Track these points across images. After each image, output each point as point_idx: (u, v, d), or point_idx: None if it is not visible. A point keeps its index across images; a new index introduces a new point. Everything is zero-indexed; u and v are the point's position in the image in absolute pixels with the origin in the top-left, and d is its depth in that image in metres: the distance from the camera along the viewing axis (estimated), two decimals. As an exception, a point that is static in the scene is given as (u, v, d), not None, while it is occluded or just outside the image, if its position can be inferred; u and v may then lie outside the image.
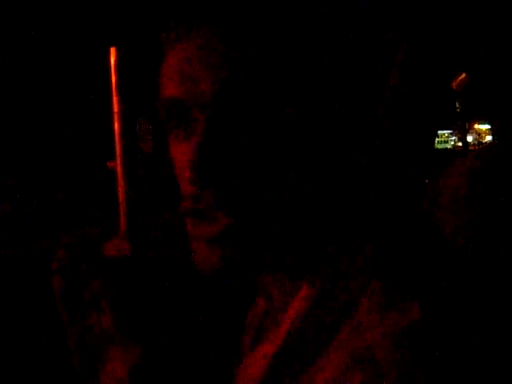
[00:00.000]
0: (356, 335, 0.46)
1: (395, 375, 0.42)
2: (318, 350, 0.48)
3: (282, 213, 0.50)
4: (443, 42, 1.51)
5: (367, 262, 0.51)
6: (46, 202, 4.19)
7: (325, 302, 0.50)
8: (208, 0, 0.50)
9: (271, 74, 0.49)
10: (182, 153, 0.52)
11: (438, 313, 0.45)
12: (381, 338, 0.45)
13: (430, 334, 0.44)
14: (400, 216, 0.56)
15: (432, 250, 0.53)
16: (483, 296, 0.49)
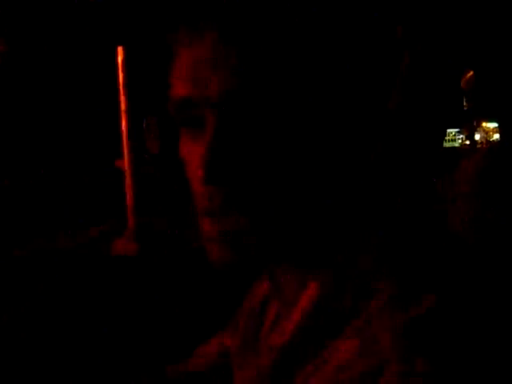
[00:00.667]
0: (365, 329, 0.46)
1: (396, 362, 0.43)
2: (326, 342, 0.49)
3: (293, 210, 0.51)
4: (451, 40, 1.51)
5: (378, 258, 0.51)
6: (54, 201, 4.21)
7: (334, 297, 0.51)
8: (215, 4, 0.51)
9: (279, 74, 0.49)
10: (193, 152, 0.52)
11: (447, 306, 0.46)
12: (388, 329, 0.46)
13: (436, 326, 0.45)
14: (409, 213, 0.56)
15: (441, 245, 0.53)
16: (492, 291, 0.49)
